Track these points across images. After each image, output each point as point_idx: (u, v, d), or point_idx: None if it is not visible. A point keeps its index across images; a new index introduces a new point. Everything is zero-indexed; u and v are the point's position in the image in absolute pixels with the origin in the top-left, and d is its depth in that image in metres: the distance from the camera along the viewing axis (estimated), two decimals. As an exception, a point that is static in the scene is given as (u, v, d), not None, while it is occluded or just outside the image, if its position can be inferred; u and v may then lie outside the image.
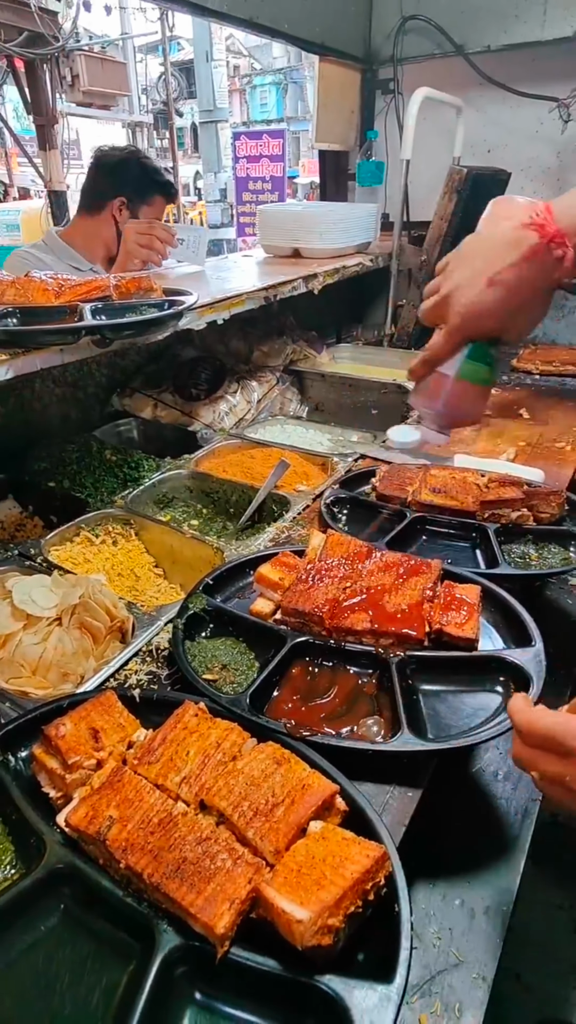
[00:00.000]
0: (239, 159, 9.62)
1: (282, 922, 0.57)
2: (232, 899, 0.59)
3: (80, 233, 2.09)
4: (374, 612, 0.99)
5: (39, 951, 0.61)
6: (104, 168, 2.05)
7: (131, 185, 2.01)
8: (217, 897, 0.59)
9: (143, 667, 1.00)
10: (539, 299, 0.86)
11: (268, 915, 0.59)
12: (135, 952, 0.60)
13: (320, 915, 0.56)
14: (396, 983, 0.55)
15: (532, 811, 0.94)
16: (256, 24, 2.15)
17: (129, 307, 1.21)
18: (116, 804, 0.70)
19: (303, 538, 1.31)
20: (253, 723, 0.83)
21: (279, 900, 0.57)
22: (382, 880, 0.62)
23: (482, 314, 0.85)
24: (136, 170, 2.03)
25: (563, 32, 2.47)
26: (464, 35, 2.64)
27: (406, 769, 0.83)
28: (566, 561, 1.20)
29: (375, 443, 1.78)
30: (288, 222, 2.36)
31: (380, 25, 2.81)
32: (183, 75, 16.50)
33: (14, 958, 0.59)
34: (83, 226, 2.09)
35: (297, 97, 19.08)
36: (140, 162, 2.06)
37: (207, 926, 0.57)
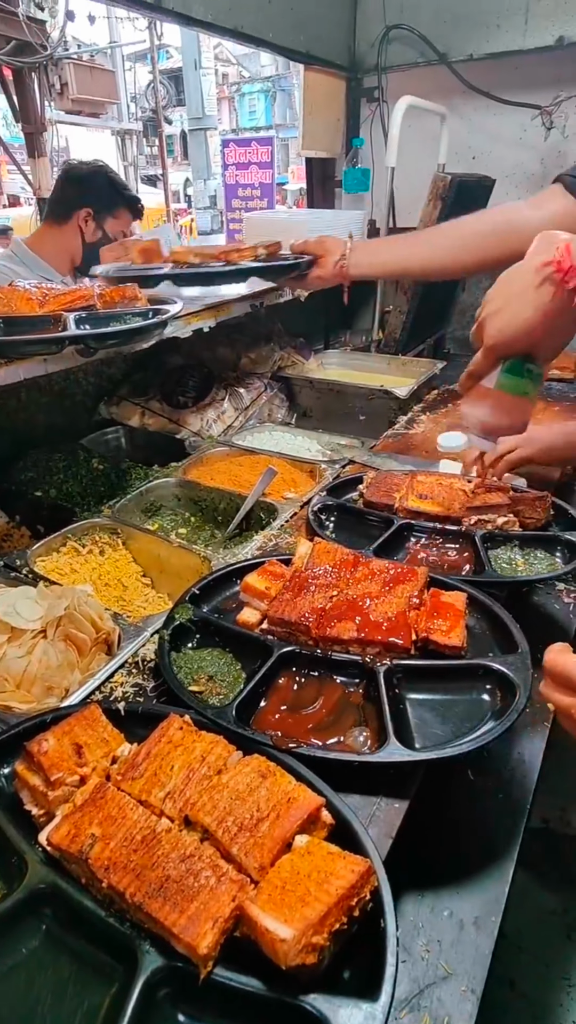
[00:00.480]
0: (228, 166, 9.63)
1: (265, 941, 0.56)
2: (215, 918, 0.58)
3: (47, 243, 2.12)
4: (360, 621, 0.99)
5: (20, 974, 0.60)
6: (72, 179, 2.10)
7: (97, 197, 2.06)
8: (200, 916, 0.58)
9: (129, 679, 0.99)
10: (562, 324, 1.00)
11: (252, 934, 0.58)
12: (117, 974, 0.59)
13: (304, 933, 0.55)
14: (382, 1001, 0.54)
15: (521, 819, 0.94)
16: (241, 34, 2.16)
17: (113, 316, 1.21)
18: (99, 821, 0.69)
19: (291, 546, 1.30)
20: (239, 735, 0.82)
21: (262, 918, 0.56)
22: (367, 895, 0.62)
23: (510, 337, 1.02)
24: (103, 183, 2.09)
25: (544, 41, 2.50)
26: (447, 44, 2.66)
27: (393, 779, 0.82)
28: (552, 567, 1.20)
29: (363, 448, 1.78)
30: (275, 229, 2.36)
31: (364, 34, 2.83)
32: (172, 83, 16.55)
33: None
34: (49, 235, 2.13)
35: (286, 105, 19.18)
36: (108, 176, 2.13)
37: (189, 946, 0.56)
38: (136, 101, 16.12)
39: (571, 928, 1.86)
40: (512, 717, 0.83)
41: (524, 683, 0.88)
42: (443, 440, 1.72)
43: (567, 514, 1.32)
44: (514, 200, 2.85)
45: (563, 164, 2.79)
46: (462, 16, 2.59)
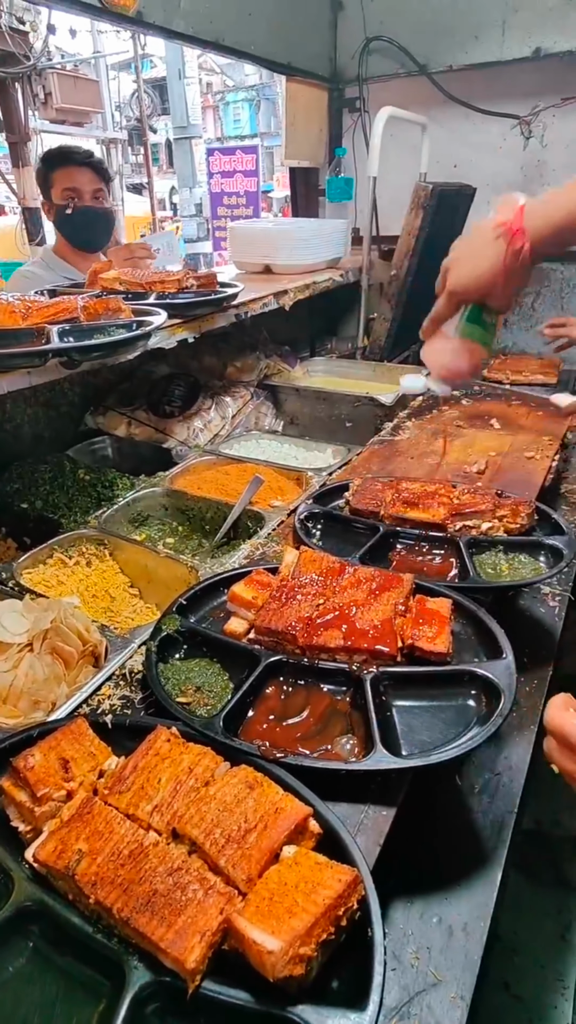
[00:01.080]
0: (213, 174, 9.71)
1: (253, 953, 0.56)
2: (203, 932, 0.58)
3: (62, 246, 2.23)
4: (347, 629, 0.99)
5: (7, 992, 0.59)
6: (38, 176, 2.22)
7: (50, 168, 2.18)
8: (187, 930, 0.58)
9: (116, 691, 0.99)
10: (513, 276, 1.12)
11: (239, 946, 0.58)
12: (105, 990, 0.59)
13: (291, 945, 0.55)
14: (370, 1011, 0.55)
15: (509, 823, 0.94)
16: (223, 46, 2.18)
17: (97, 328, 1.21)
18: (86, 837, 0.69)
19: (278, 555, 1.31)
20: (227, 746, 0.82)
21: (250, 930, 0.56)
22: (355, 904, 0.62)
23: (468, 285, 1.15)
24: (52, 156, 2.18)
25: (521, 52, 2.54)
26: (427, 55, 2.70)
27: (380, 787, 0.83)
28: (537, 571, 1.21)
29: (350, 455, 1.79)
30: (259, 239, 2.38)
31: (345, 46, 2.87)
32: (156, 92, 16.61)
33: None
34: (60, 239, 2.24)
35: (270, 113, 19.29)
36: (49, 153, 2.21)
37: (177, 960, 0.56)
38: (121, 110, 16.14)
39: (565, 929, 1.87)
40: (497, 723, 0.84)
41: (509, 688, 0.89)
42: (405, 382, 1.89)
43: (550, 519, 1.33)
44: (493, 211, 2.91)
45: (542, 173, 2.83)
46: (441, 28, 2.63)
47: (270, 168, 17.24)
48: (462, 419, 1.99)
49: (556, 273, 2.90)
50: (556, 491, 1.76)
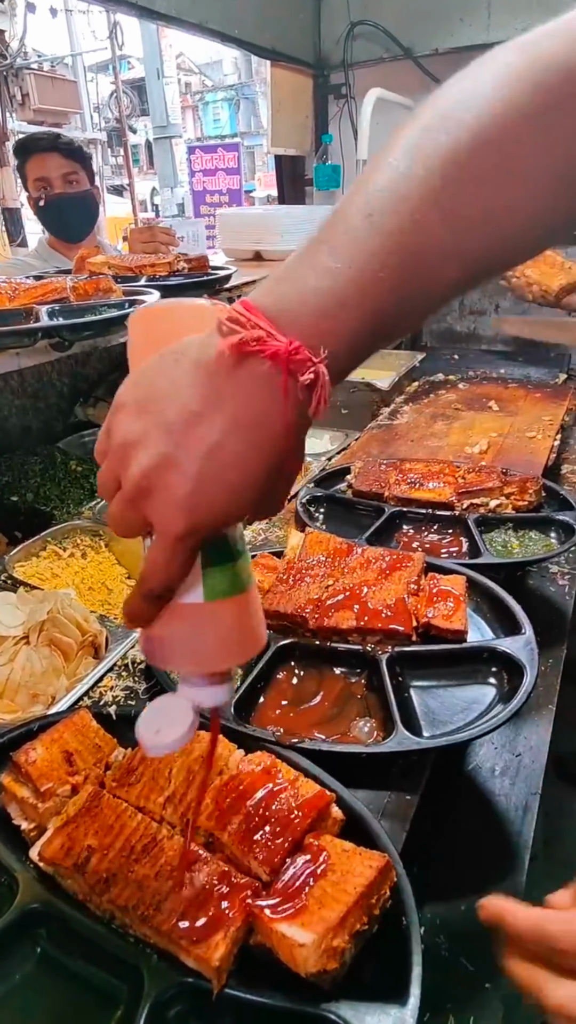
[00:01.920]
0: (195, 173, 9.66)
1: (283, 948, 0.52)
2: (227, 927, 0.54)
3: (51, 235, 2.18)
4: (359, 609, 0.95)
5: (14, 1002, 0.55)
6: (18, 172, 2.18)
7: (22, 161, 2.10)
8: (210, 926, 0.54)
9: (119, 682, 0.94)
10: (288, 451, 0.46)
11: (267, 941, 0.54)
12: (122, 995, 0.54)
13: (324, 937, 0.51)
14: (411, 1005, 0.51)
15: (533, 805, 0.91)
16: (207, 29, 2.14)
17: (87, 308, 1.16)
18: (95, 832, 0.65)
19: (280, 539, 1.27)
20: (240, 733, 0.78)
21: (278, 924, 0.52)
22: (387, 892, 0.58)
23: (215, 502, 0.44)
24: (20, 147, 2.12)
25: (507, 35, 2.45)
26: (412, 39, 2.67)
27: (402, 771, 0.79)
28: (548, 547, 1.18)
29: (348, 440, 1.75)
30: (248, 225, 2.34)
31: (329, 31, 2.83)
32: (135, 93, 16.51)
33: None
34: None
35: (250, 112, 19.27)
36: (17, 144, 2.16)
37: (201, 959, 0.52)
38: (99, 111, 16.05)
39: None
40: (522, 699, 0.80)
41: (531, 664, 0.86)
42: None
43: (558, 495, 1.31)
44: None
45: (530, 157, 2.82)
46: (425, 11, 2.60)
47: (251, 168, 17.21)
48: (460, 402, 1.97)
49: (547, 257, 2.88)
50: (557, 471, 1.73)
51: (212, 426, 0.42)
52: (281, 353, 0.41)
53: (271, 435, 0.43)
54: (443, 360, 2.37)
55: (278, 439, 0.44)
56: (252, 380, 0.42)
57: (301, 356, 0.41)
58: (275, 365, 0.41)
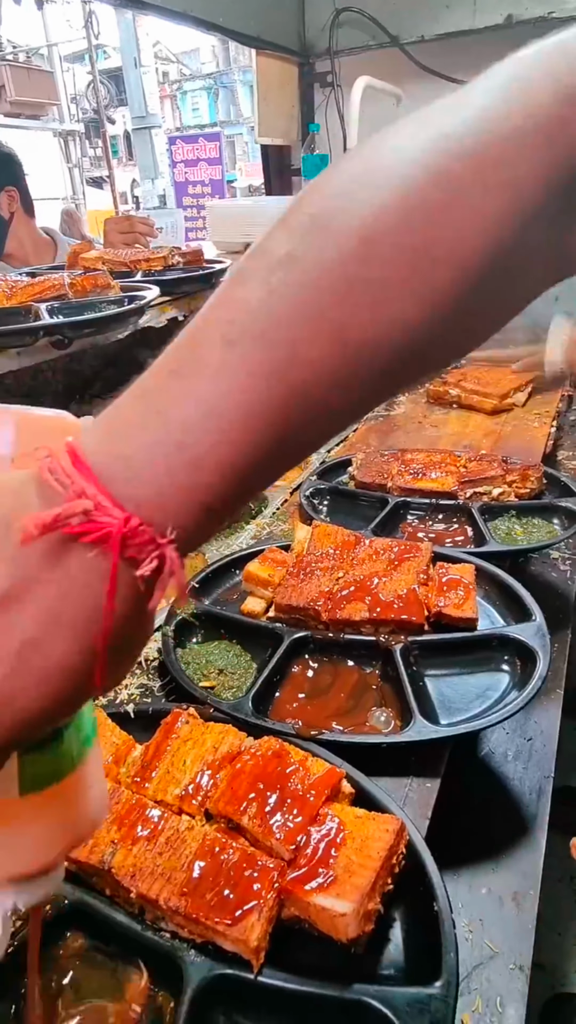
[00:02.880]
0: (176, 163, 9.54)
1: (323, 919, 0.54)
2: (260, 907, 0.55)
3: None
4: (371, 601, 0.96)
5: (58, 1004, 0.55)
6: None
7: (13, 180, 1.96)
8: (243, 908, 0.55)
9: (133, 681, 0.94)
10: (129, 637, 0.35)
11: (304, 914, 0.56)
12: (162, 987, 0.55)
13: (361, 903, 0.54)
14: (445, 986, 0.52)
15: (546, 788, 0.92)
16: (191, 17, 2.11)
17: (87, 305, 1.15)
18: (117, 828, 0.65)
19: (286, 533, 1.27)
20: (260, 727, 0.79)
21: (315, 897, 0.54)
22: (403, 850, 0.61)
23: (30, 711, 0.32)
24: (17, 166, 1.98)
25: (494, 20, 2.51)
26: (398, 26, 2.65)
27: (421, 759, 0.80)
28: (551, 534, 1.20)
29: (346, 432, 1.75)
30: (238, 217, 2.32)
31: (314, 18, 2.80)
32: (112, 82, 16.25)
33: (27, 1014, 0.54)
34: None
35: (229, 101, 19.07)
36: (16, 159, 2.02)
37: (239, 941, 0.53)
38: (76, 102, 15.79)
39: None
40: (536, 685, 0.82)
41: (543, 649, 0.87)
42: None
43: (559, 481, 1.32)
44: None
45: (517, 143, 2.82)
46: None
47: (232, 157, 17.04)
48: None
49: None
50: (554, 457, 1.75)
51: (24, 617, 0.31)
52: (113, 535, 0.30)
53: (104, 631, 0.32)
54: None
55: (114, 634, 0.32)
56: (74, 567, 0.31)
57: (140, 539, 0.30)
58: (103, 551, 0.30)
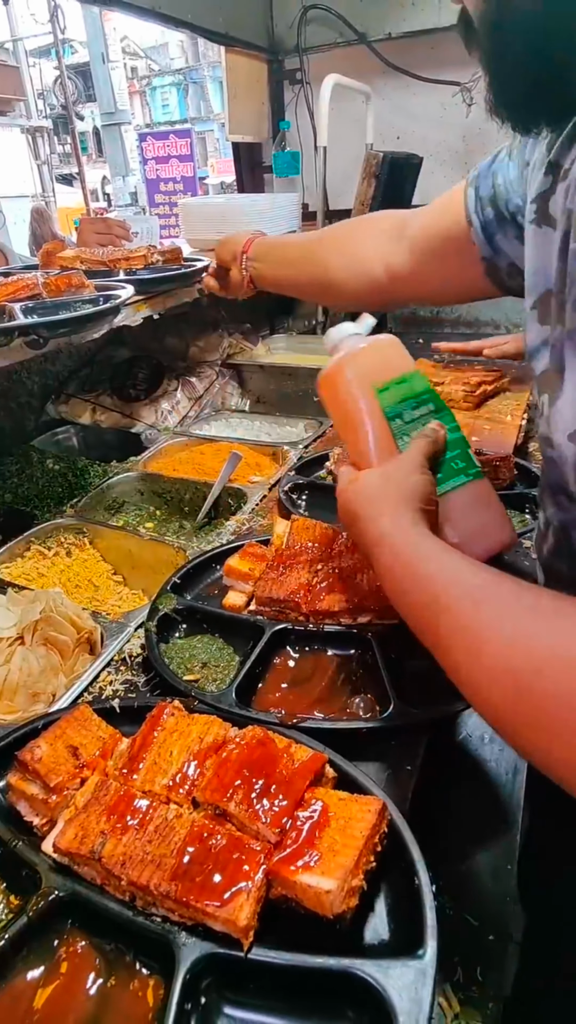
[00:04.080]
0: (147, 160, 9.46)
1: (309, 896, 0.56)
2: (248, 888, 0.57)
3: None
4: (349, 591, 0.98)
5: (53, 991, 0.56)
6: None
7: None
8: (232, 889, 0.57)
9: (118, 676, 0.95)
10: None
11: (290, 893, 0.58)
12: (155, 971, 0.56)
13: (345, 880, 0.56)
14: (429, 956, 0.54)
15: (522, 767, 0.96)
16: (159, 14, 2.10)
17: (63, 304, 1.15)
18: (106, 819, 0.67)
19: (265, 528, 1.28)
20: (244, 717, 0.80)
21: (300, 876, 0.57)
22: (385, 829, 0.64)
23: None
24: None
25: (458, 19, 2.54)
26: (365, 23, 2.67)
27: (401, 743, 0.82)
28: (523, 523, 1.23)
29: (322, 428, 1.77)
30: (212, 214, 2.32)
31: (282, 15, 2.81)
32: (80, 78, 16.02)
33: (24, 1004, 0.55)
34: None
35: (199, 97, 18.93)
36: None
37: (228, 921, 0.55)
38: (44, 97, 15.53)
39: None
40: (510, 667, 0.84)
41: (516, 634, 0.90)
42: None
43: (530, 472, 1.35)
44: (440, 179, 2.91)
45: (484, 142, 2.85)
46: (377, -5, 2.60)
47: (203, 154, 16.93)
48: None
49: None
50: (525, 449, 1.79)
51: None
52: None
53: None
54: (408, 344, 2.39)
55: None
56: None
57: None
58: None
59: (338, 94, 2.30)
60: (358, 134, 2.72)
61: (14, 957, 0.57)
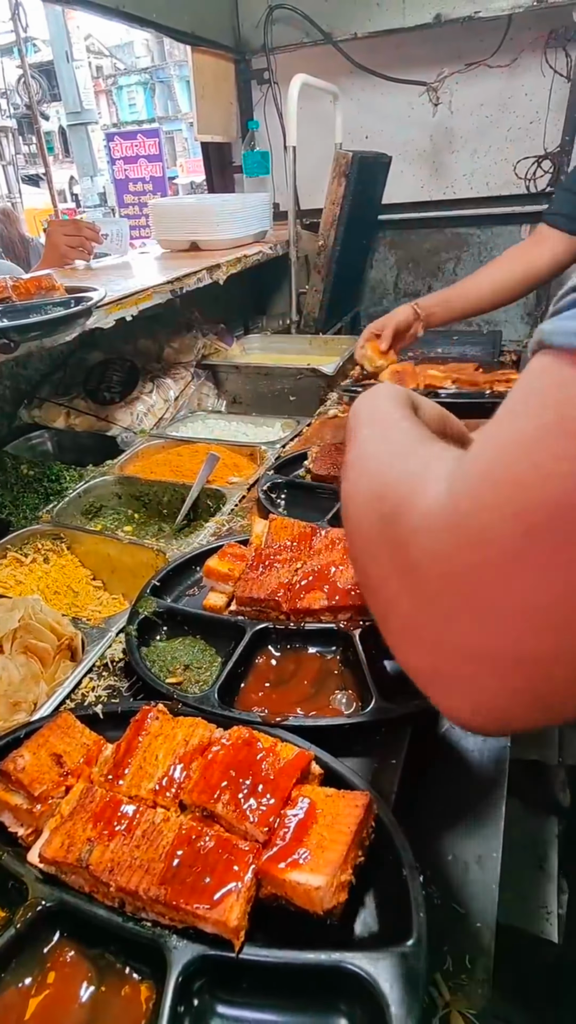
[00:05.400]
0: (115, 160, 9.35)
1: (298, 893, 0.57)
2: (238, 888, 0.57)
3: None
4: (329, 589, 0.99)
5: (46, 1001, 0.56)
6: None
7: None
8: (222, 890, 0.57)
9: (100, 683, 0.95)
10: None
11: (280, 891, 0.58)
12: (147, 975, 0.56)
13: (334, 876, 0.57)
14: (417, 945, 0.55)
15: (504, 756, 0.97)
16: (123, 13, 2.08)
17: (33, 307, 1.14)
18: (92, 826, 0.66)
19: (245, 528, 1.28)
20: (226, 718, 0.80)
21: (290, 874, 0.57)
22: (373, 823, 0.65)
23: None
24: None
25: (423, 19, 2.57)
26: (331, 23, 2.68)
27: (385, 737, 0.83)
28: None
29: (299, 427, 1.78)
30: (184, 215, 2.31)
31: (248, 14, 2.81)
32: (44, 76, 15.77)
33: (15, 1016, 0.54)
34: None
35: (166, 97, 18.78)
36: None
37: (219, 923, 0.55)
38: (7, 97, 15.26)
39: (541, 859, 1.98)
40: (489, 659, 0.86)
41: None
42: None
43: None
44: (409, 179, 2.94)
45: (451, 140, 2.89)
46: (342, -5, 2.61)
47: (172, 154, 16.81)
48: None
49: (474, 237, 2.98)
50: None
51: None
52: None
53: None
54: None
55: None
56: None
57: None
58: None
59: (306, 94, 2.31)
60: (327, 133, 2.73)
61: (3, 970, 0.56)
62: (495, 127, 2.76)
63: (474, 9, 2.46)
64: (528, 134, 2.72)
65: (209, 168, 3.21)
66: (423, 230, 3.03)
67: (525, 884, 1.93)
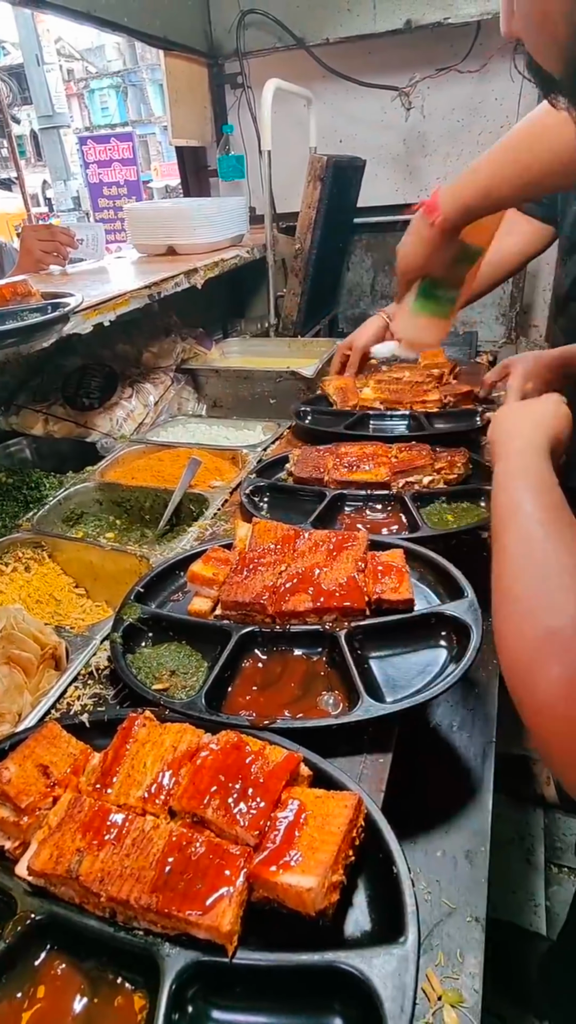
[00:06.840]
0: (89, 164, 9.28)
1: (290, 895, 0.57)
2: (230, 893, 0.57)
3: None
4: (314, 591, 0.99)
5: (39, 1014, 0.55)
6: None
7: None
8: (213, 896, 0.57)
9: (86, 691, 0.94)
10: (440, 248, 1.21)
11: (272, 894, 0.58)
12: (140, 985, 0.56)
13: (325, 877, 0.57)
14: (410, 942, 0.55)
15: (490, 752, 0.98)
16: (94, 17, 2.07)
17: (9, 314, 1.12)
18: (81, 836, 0.66)
19: (228, 532, 1.28)
20: (214, 722, 0.80)
21: (281, 877, 0.57)
22: (362, 823, 0.65)
23: (407, 265, 1.27)
24: None
25: (394, 24, 2.59)
26: (303, 28, 2.70)
27: (372, 737, 0.84)
28: (479, 516, 1.26)
29: (280, 430, 1.78)
30: (160, 219, 2.30)
31: (220, 19, 2.81)
32: (14, 80, 15.60)
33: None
34: None
35: (139, 100, 18.72)
36: None
37: (212, 928, 0.55)
38: (-23, 100, 15.04)
39: (529, 853, 2.00)
40: (472, 656, 0.87)
41: (476, 623, 0.92)
42: (376, 350, 1.90)
43: (483, 466, 1.39)
44: (383, 182, 2.96)
45: (424, 144, 2.92)
46: (314, 1, 2.63)
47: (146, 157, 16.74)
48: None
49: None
50: (478, 442, 1.84)
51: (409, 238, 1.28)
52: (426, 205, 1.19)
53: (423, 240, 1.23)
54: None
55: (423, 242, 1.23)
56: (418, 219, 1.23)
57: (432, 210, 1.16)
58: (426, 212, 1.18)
59: (280, 98, 2.32)
60: (301, 137, 2.74)
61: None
62: (466, 131, 2.80)
63: (444, 15, 2.49)
64: (498, 138, 2.75)
65: (184, 172, 3.21)
66: (399, 233, 3.03)
67: (514, 878, 1.96)
